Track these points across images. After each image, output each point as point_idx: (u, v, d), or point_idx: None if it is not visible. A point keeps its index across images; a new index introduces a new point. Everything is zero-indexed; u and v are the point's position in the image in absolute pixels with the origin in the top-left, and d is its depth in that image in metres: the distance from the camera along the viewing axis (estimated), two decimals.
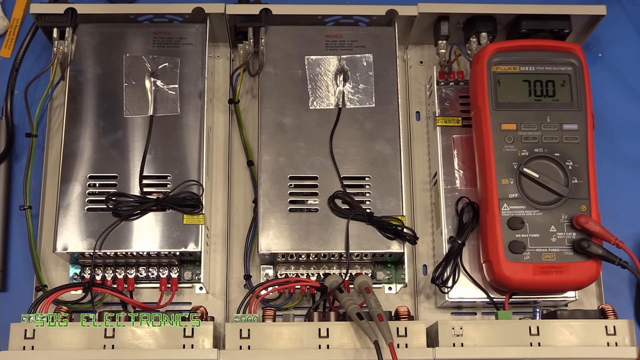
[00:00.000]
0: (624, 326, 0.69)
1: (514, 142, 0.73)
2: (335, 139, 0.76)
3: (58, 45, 0.78)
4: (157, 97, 0.77)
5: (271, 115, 0.77)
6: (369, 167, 0.76)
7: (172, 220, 0.73)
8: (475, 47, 0.81)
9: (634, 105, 0.88)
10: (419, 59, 0.87)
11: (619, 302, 0.78)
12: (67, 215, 0.73)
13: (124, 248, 0.72)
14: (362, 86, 0.78)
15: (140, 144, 0.75)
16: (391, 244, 0.73)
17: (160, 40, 0.79)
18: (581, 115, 0.75)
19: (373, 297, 0.69)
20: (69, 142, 0.75)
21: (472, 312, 0.78)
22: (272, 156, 0.76)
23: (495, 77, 0.75)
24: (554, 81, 0.75)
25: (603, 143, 0.82)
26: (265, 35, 0.80)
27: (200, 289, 0.77)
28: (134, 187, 0.74)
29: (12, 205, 0.81)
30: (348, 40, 0.80)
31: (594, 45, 0.89)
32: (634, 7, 0.92)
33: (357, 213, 0.73)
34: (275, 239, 0.73)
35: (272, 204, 0.74)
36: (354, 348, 0.67)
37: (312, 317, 0.69)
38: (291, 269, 0.76)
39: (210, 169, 0.80)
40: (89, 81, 0.77)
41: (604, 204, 0.73)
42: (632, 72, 0.89)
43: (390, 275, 0.77)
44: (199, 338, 0.66)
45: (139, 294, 0.76)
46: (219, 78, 0.85)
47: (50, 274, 0.77)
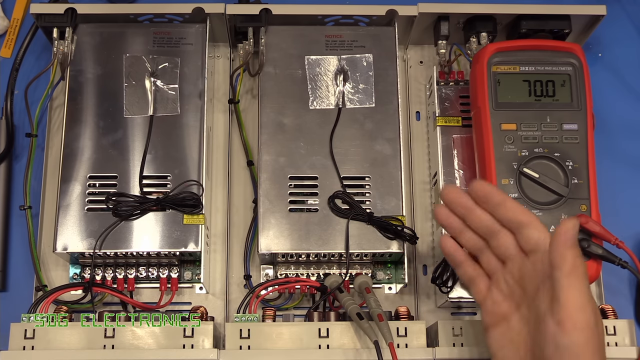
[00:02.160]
0: (624, 326, 0.69)
1: (514, 142, 0.73)
2: (335, 139, 0.76)
3: (58, 45, 0.78)
4: (157, 97, 0.77)
5: (271, 115, 0.77)
6: (369, 167, 0.76)
7: (172, 220, 0.73)
8: (475, 47, 0.81)
9: (634, 105, 0.88)
10: (419, 59, 0.87)
11: (619, 302, 0.78)
12: (67, 215, 0.73)
13: (124, 248, 0.72)
14: (362, 86, 0.78)
15: (140, 144, 0.75)
16: (391, 244, 0.73)
17: (160, 40, 0.79)
18: (581, 115, 0.75)
19: (373, 297, 0.69)
20: (69, 142, 0.75)
21: (472, 312, 0.78)
22: (272, 156, 0.76)
23: (495, 77, 0.75)
24: (554, 81, 0.75)
25: (603, 143, 0.82)
26: (265, 35, 0.80)
27: (200, 289, 0.77)
28: (134, 187, 0.74)
29: (12, 205, 0.81)
30: (348, 40, 0.80)
31: (594, 45, 0.89)
32: (634, 7, 0.92)
33: (357, 213, 0.73)
34: (275, 239, 0.73)
35: (272, 204, 0.74)
36: (354, 348, 0.67)
37: (312, 317, 0.69)
38: (291, 269, 0.76)
39: (210, 169, 0.80)
40: (89, 81, 0.77)
41: (604, 204, 0.73)
42: (632, 72, 0.89)
43: (390, 275, 0.77)
44: (199, 338, 0.67)
45: (139, 294, 0.76)
46: (219, 78, 0.85)
47: (50, 274, 0.77)
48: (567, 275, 0.54)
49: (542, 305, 0.56)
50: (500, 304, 0.61)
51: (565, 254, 0.55)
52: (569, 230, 0.55)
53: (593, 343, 0.54)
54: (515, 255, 0.60)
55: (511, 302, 0.60)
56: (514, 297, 0.60)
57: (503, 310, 0.61)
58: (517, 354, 0.59)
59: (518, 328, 0.59)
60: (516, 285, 0.60)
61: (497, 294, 0.62)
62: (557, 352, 0.54)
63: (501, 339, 0.60)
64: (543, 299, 0.57)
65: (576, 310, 0.54)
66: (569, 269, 0.54)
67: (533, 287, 0.58)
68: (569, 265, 0.55)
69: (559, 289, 0.55)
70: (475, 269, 0.64)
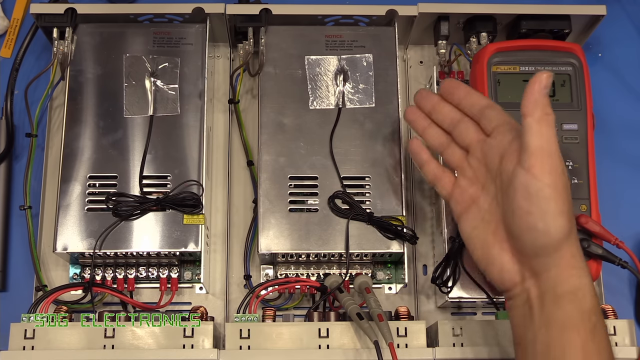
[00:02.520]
0: (624, 326, 0.69)
1: None
2: (335, 139, 0.76)
3: (58, 45, 0.78)
4: (157, 97, 0.77)
5: (271, 115, 0.77)
6: (369, 167, 0.76)
7: (172, 220, 0.73)
8: (475, 47, 0.81)
9: (634, 105, 0.88)
10: (419, 59, 0.87)
11: (619, 302, 0.78)
12: (67, 215, 0.73)
13: (124, 248, 0.72)
14: (362, 86, 0.78)
15: (140, 144, 0.75)
16: (391, 244, 0.73)
17: (160, 40, 0.79)
18: (581, 115, 0.75)
19: (373, 297, 0.69)
20: (69, 142, 0.75)
21: (472, 312, 0.78)
22: (272, 156, 0.76)
23: (495, 77, 0.75)
24: (554, 81, 0.75)
25: (603, 143, 0.82)
26: (265, 35, 0.80)
27: (200, 289, 0.77)
28: (134, 187, 0.74)
29: (12, 205, 0.81)
30: (348, 40, 0.80)
31: (594, 45, 0.89)
32: (634, 7, 0.92)
33: (357, 213, 0.73)
34: (275, 239, 0.73)
35: (272, 204, 0.74)
36: (354, 348, 0.67)
37: (312, 317, 0.69)
38: (291, 269, 0.76)
39: (210, 169, 0.80)
40: (89, 81, 0.77)
41: (604, 204, 0.73)
42: (632, 72, 0.89)
43: (390, 275, 0.77)
44: (199, 338, 0.67)
45: (139, 294, 0.77)
46: (219, 78, 0.85)
47: (50, 274, 0.77)
48: (538, 121, 0.56)
49: (510, 166, 0.59)
50: (467, 189, 0.64)
51: (538, 100, 0.57)
52: (542, 80, 0.57)
53: (560, 188, 0.56)
54: (478, 139, 0.64)
55: (477, 184, 0.63)
56: (479, 179, 0.63)
57: (470, 194, 0.64)
58: (488, 229, 0.61)
59: (487, 205, 0.62)
60: (480, 165, 0.63)
61: (463, 181, 0.65)
62: (527, 199, 0.56)
63: (473, 220, 0.63)
64: (510, 160, 0.59)
65: (545, 155, 0.56)
66: (540, 115, 0.56)
67: (497, 159, 0.61)
68: (540, 111, 0.57)
69: (529, 136, 0.57)
70: (438, 166, 0.68)
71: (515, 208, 0.58)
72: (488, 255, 0.61)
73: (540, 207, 0.56)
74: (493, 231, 0.61)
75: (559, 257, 0.57)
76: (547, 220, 0.56)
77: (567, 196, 0.57)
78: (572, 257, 0.57)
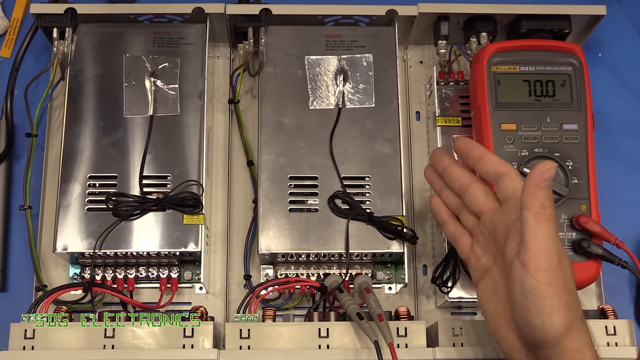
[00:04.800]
0: (624, 326, 0.69)
1: (514, 142, 0.73)
2: (335, 139, 0.76)
3: (58, 45, 0.78)
4: (157, 97, 0.77)
5: (271, 115, 0.77)
6: (369, 167, 0.76)
7: (172, 220, 0.73)
8: (475, 47, 0.81)
9: (634, 105, 0.88)
10: (419, 59, 0.87)
11: (619, 302, 0.78)
12: (67, 215, 0.73)
13: (124, 248, 0.72)
14: (362, 86, 0.78)
15: (140, 144, 0.75)
16: (391, 244, 0.73)
17: (160, 40, 0.79)
18: (581, 115, 0.75)
19: (373, 297, 0.69)
20: (69, 142, 0.75)
21: (472, 312, 0.78)
22: (272, 156, 0.76)
23: (495, 77, 0.75)
24: (554, 81, 0.75)
25: (603, 143, 0.82)
26: (265, 35, 0.80)
27: (200, 289, 0.77)
28: (134, 187, 0.74)
29: (12, 205, 0.81)
30: (348, 40, 0.80)
31: (594, 45, 0.89)
32: (634, 7, 0.92)
33: (357, 213, 0.73)
34: (275, 239, 0.73)
35: (272, 204, 0.74)
36: (354, 348, 0.67)
37: (312, 317, 0.69)
38: (291, 269, 0.76)
39: (210, 169, 0.80)
40: (89, 81, 0.77)
41: (604, 204, 0.73)
42: (632, 72, 0.89)
43: (390, 275, 0.77)
44: (199, 338, 0.67)
45: (139, 294, 0.76)
46: (219, 78, 0.85)
47: (50, 274, 0.77)
48: (535, 215, 0.55)
49: (512, 251, 0.57)
50: (480, 258, 0.62)
51: (536, 194, 0.55)
52: (544, 171, 0.55)
53: (556, 284, 0.54)
54: (487, 208, 0.62)
55: (489, 254, 0.62)
56: (490, 249, 0.61)
57: (484, 263, 0.62)
58: (499, 304, 0.59)
59: (497, 278, 0.60)
60: (490, 236, 0.61)
61: (477, 248, 0.63)
62: (523, 294, 0.55)
63: (486, 291, 0.61)
64: (512, 244, 0.57)
65: (540, 250, 0.54)
66: (537, 208, 0.55)
67: (504, 235, 0.59)
68: (538, 205, 0.55)
69: (525, 230, 0.55)
70: (457, 227, 0.66)
71: (514, 300, 0.56)
72: (498, 331, 0.60)
73: (535, 305, 0.54)
74: (503, 307, 0.59)
75: (560, 349, 0.55)
76: (543, 317, 0.54)
77: (566, 291, 0.55)
78: (574, 351, 0.55)
